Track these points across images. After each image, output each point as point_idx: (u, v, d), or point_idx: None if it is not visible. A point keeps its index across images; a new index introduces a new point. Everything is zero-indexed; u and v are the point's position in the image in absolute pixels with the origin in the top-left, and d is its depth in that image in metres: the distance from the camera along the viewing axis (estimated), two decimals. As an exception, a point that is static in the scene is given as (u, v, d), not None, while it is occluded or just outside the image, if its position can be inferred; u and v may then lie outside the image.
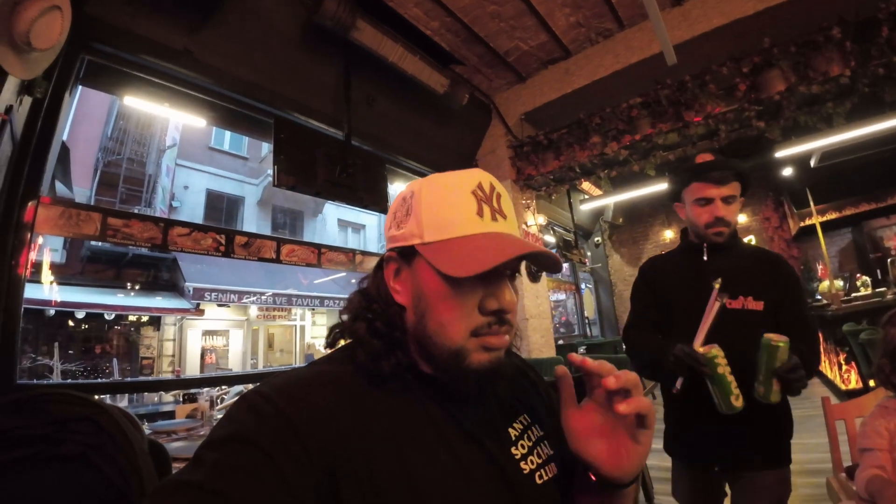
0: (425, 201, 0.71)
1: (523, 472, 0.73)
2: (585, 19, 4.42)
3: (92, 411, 0.93)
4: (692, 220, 1.72)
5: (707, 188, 1.64)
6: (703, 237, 1.71)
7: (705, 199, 1.65)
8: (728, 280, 1.56)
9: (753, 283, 1.65)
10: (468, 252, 0.66)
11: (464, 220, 0.69)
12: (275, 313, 14.61)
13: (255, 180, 15.28)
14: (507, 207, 0.74)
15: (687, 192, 1.72)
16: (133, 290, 11.77)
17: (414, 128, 4.90)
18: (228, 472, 0.52)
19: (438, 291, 0.68)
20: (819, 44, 3.57)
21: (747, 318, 1.61)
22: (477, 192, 0.71)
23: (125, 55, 2.95)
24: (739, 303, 1.62)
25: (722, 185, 1.63)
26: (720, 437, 1.56)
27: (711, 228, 1.65)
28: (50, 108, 2.56)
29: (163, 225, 3.21)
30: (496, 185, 0.74)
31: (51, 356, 10.08)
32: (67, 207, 2.74)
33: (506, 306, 0.68)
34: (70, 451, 0.88)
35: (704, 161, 1.69)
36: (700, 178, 1.66)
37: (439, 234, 0.69)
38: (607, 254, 9.96)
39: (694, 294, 1.62)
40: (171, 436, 2.71)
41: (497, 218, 0.71)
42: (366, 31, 3.59)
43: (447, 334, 0.67)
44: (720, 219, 1.63)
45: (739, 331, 1.55)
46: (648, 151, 4.43)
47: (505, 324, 0.69)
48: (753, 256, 1.76)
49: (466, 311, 0.67)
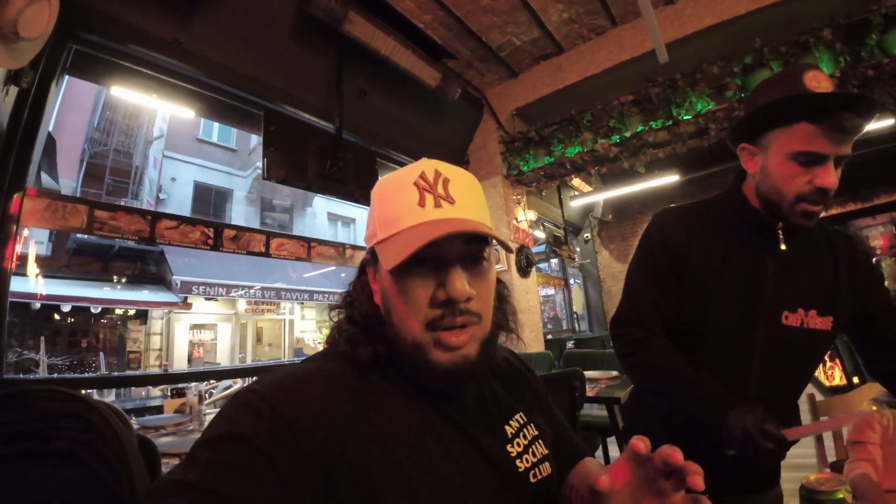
0: (377, 201, 0.73)
1: (518, 470, 0.73)
2: (578, 16, 4.42)
3: (81, 407, 0.92)
4: (775, 183, 1.08)
5: (822, 138, 1.00)
6: (781, 213, 1.10)
7: (815, 154, 1.02)
8: (792, 280, 1.14)
9: (824, 287, 1.15)
10: (401, 244, 0.65)
11: (405, 212, 0.68)
12: (263, 307, 14.53)
13: (244, 172, 15.16)
14: (459, 190, 0.71)
15: (780, 136, 1.06)
16: (120, 283, 11.66)
17: (406, 122, 4.88)
18: (223, 471, 0.52)
19: (392, 287, 0.68)
20: (809, 45, 3.59)
21: (807, 340, 1.14)
22: (419, 182, 0.70)
23: (113, 44, 2.90)
24: (799, 318, 1.13)
25: (846, 138, 1.02)
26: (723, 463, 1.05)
27: (804, 204, 1.06)
28: (36, 99, 2.51)
29: (150, 218, 3.18)
30: (444, 171, 0.72)
31: (37, 350, 9.97)
32: (54, 199, 2.70)
33: (455, 295, 0.65)
34: (59, 447, 0.87)
35: (832, 93, 1.01)
36: (820, 117, 1.00)
37: (387, 230, 0.69)
38: (596, 250, 9.99)
39: (739, 299, 1.13)
40: (160, 431, 2.70)
41: (441, 204, 0.69)
42: (358, 23, 3.57)
43: (405, 329, 0.68)
44: (825, 191, 1.04)
45: (790, 361, 1.16)
46: (638, 149, 4.44)
47: (461, 314, 0.66)
48: (827, 243, 1.20)
49: (418, 304, 0.66)
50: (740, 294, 1.13)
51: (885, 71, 3.40)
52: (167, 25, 3.05)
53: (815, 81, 1.01)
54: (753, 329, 1.12)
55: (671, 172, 6.70)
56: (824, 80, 1.02)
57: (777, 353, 1.12)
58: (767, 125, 1.08)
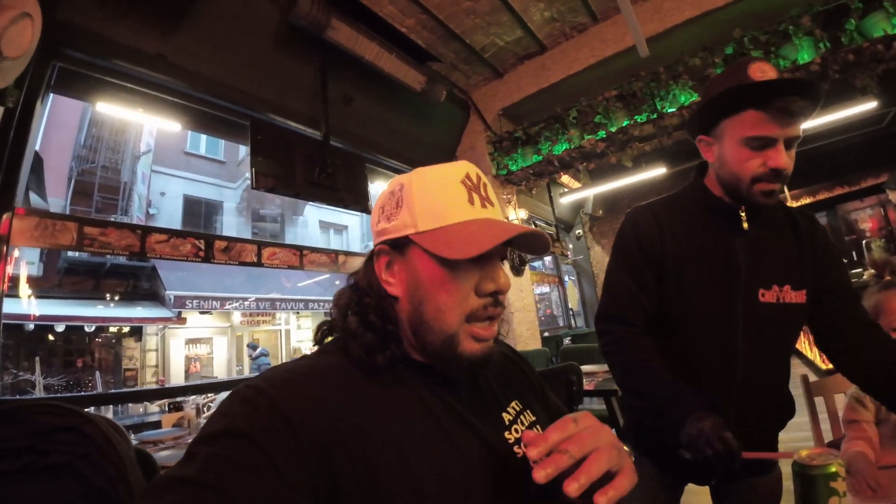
0: (417, 192, 0.73)
1: (517, 456, 0.74)
2: (560, 14, 4.45)
3: (77, 421, 0.92)
4: (732, 167, 1.14)
5: (769, 123, 1.05)
6: (741, 196, 1.15)
7: (764, 138, 1.07)
8: (762, 259, 1.17)
9: (793, 262, 1.19)
10: (465, 237, 0.68)
11: (456, 207, 0.71)
12: (259, 318, 14.47)
13: (233, 184, 15.10)
14: (493, 195, 0.77)
15: (733, 124, 1.11)
16: (113, 300, 11.57)
17: (393, 126, 4.88)
18: (222, 467, 0.52)
19: (436, 277, 0.70)
20: (789, 32, 3.63)
21: (786, 314, 1.17)
22: (466, 181, 0.73)
23: (97, 61, 2.89)
24: (774, 294, 1.16)
25: (792, 120, 1.06)
26: None
27: (761, 184, 1.10)
28: (22, 118, 2.51)
29: (140, 232, 3.17)
30: (482, 175, 0.77)
31: (32, 371, 9.88)
32: (42, 218, 2.69)
33: (502, 287, 0.72)
34: (57, 461, 0.87)
35: (772, 79, 1.06)
36: (765, 104, 1.05)
37: (434, 222, 0.70)
38: (588, 245, 10.02)
39: (713, 281, 1.18)
40: (158, 445, 2.69)
41: (486, 205, 0.74)
42: (341, 29, 3.57)
43: (444, 319, 0.69)
44: (780, 172, 1.08)
45: (773, 336, 1.18)
46: (625, 143, 4.47)
47: (499, 305, 0.73)
48: (788, 221, 1.25)
49: (464, 294, 0.69)
50: (716, 277, 1.17)
51: (866, 55, 3.44)
52: (151, 40, 3.05)
53: (760, 72, 1.07)
54: (734, 309, 1.15)
55: (658, 165, 6.74)
56: (769, 70, 1.08)
57: (759, 329, 1.15)
58: (719, 115, 1.14)
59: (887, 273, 1.57)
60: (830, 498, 0.80)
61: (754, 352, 1.15)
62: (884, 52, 3.39)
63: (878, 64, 3.48)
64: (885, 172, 7.54)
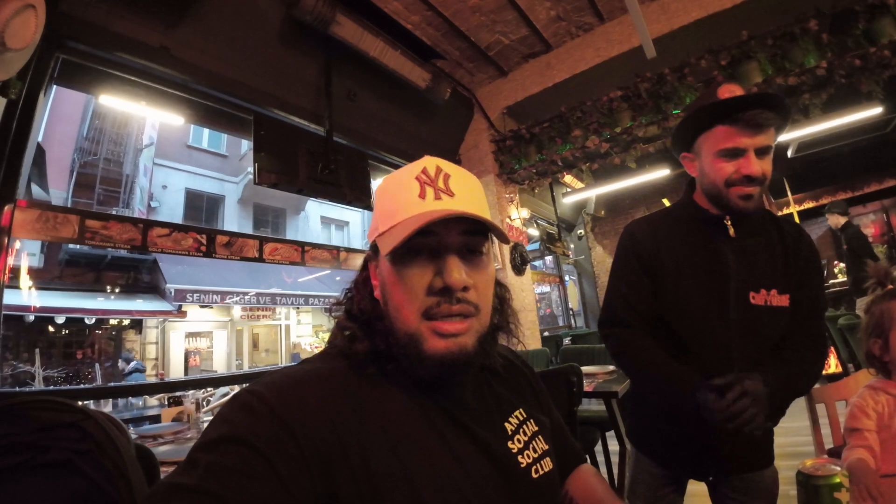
0: (380, 196, 0.75)
1: (520, 466, 0.73)
2: (566, 13, 4.44)
3: (76, 417, 0.92)
4: (710, 177, 1.26)
5: (738, 134, 1.18)
6: (723, 203, 1.26)
7: (734, 149, 1.20)
8: (752, 265, 1.28)
9: (778, 268, 1.29)
10: (398, 232, 0.67)
11: (405, 204, 0.70)
12: (259, 313, 14.48)
13: (236, 178, 15.10)
14: (458, 185, 0.73)
15: (705, 139, 1.26)
16: (113, 293, 11.58)
17: (396, 123, 4.87)
18: (223, 474, 0.52)
19: (390, 276, 0.70)
20: (796, 36, 3.62)
21: (773, 316, 1.26)
22: (421, 176, 0.72)
23: (100, 53, 2.88)
24: (762, 297, 1.26)
25: (759, 130, 1.18)
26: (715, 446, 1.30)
27: (737, 188, 1.21)
28: (25, 109, 2.49)
29: (142, 226, 3.16)
30: (445, 167, 0.74)
31: (32, 363, 9.89)
32: (44, 210, 2.68)
33: (451, 283, 0.66)
34: (57, 457, 0.87)
35: (735, 96, 1.20)
36: (731, 119, 1.19)
37: (388, 222, 0.71)
38: (590, 246, 10.02)
39: (707, 287, 1.28)
40: (158, 440, 2.68)
41: (441, 196, 0.71)
42: (346, 25, 3.56)
43: (402, 317, 0.68)
44: (752, 177, 1.19)
45: (763, 335, 1.28)
46: (629, 144, 4.46)
47: (458, 303, 0.67)
48: (777, 231, 1.34)
49: (415, 292, 0.68)
50: (709, 282, 1.28)
51: (872, 60, 3.43)
52: (154, 32, 3.04)
53: (728, 92, 1.21)
54: (726, 310, 1.26)
55: (662, 167, 6.73)
56: (737, 90, 1.22)
57: (751, 330, 1.25)
58: (695, 133, 1.30)
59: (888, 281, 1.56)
60: None
61: (747, 350, 1.24)
62: (890, 57, 3.38)
63: (884, 69, 3.47)
64: (888, 178, 7.52)
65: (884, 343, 1.45)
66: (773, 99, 1.17)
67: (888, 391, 1.43)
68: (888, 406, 1.41)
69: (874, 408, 1.42)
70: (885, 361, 1.46)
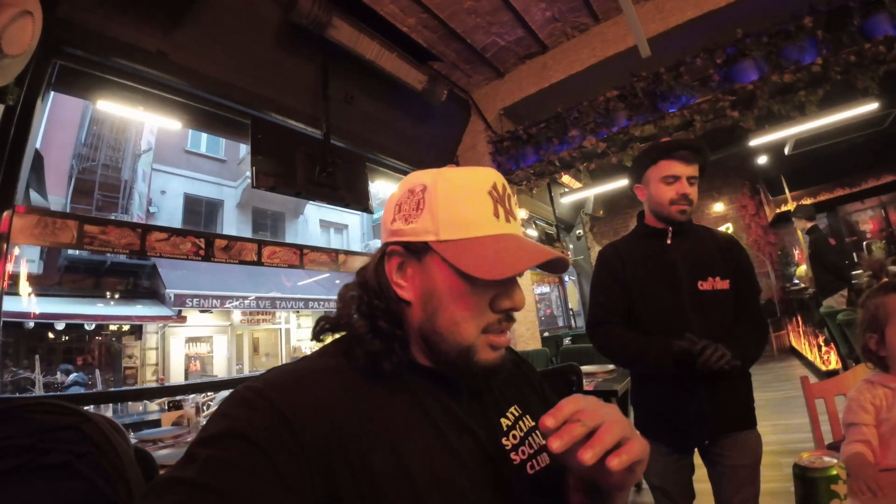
0: (441, 197, 0.69)
1: (513, 462, 0.73)
2: (561, 14, 4.45)
3: (76, 420, 0.92)
4: (656, 199, 1.74)
5: (675, 165, 1.68)
6: (665, 217, 1.74)
7: (673, 176, 1.68)
8: (694, 262, 1.71)
9: (716, 262, 1.72)
10: (492, 254, 0.67)
11: (482, 220, 0.69)
12: (259, 317, 14.48)
13: (234, 183, 15.11)
14: (516, 209, 0.75)
15: (653, 171, 1.74)
16: (113, 298, 11.59)
17: (394, 125, 4.88)
18: (222, 468, 0.52)
19: (454, 289, 0.68)
20: (791, 33, 3.63)
21: (719, 297, 1.68)
22: (493, 192, 0.71)
23: (98, 59, 2.89)
24: (710, 284, 1.68)
25: (688, 164, 1.69)
26: (705, 410, 1.61)
27: (676, 206, 1.68)
28: (22, 116, 2.50)
29: (140, 230, 3.16)
30: (507, 187, 0.74)
31: (32, 369, 9.88)
32: (43, 216, 2.69)
33: (518, 305, 0.71)
34: (56, 460, 0.87)
35: (672, 139, 1.81)
36: (669, 155, 1.70)
37: (458, 232, 0.68)
38: (589, 245, 10.03)
39: (664, 282, 1.71)
40: (158, 444, 2.68)
41: (510, 219, 0.72)
42: (342, 28, 3.57)
43: (460, 332, 0.68)
44: (686, 196, 1.68)
45: (714, 312, 1.67)
46: (626, 143, 4.47)
47: (512, 320, 0.73)
48: (711, 238, 1.82)
49: (480, 309, 0.69)
50: (666, 279, 1.71)
51: (867, 56, 3.44)
52: (151, 38, 3.04)
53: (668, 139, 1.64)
54: (682, 298, 1.68)
55: (659, 166, 6.72)
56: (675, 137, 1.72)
57: (703, 309, 1.66)
58: (644, 168, 1.79)
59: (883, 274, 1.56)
60: (831, 500, 0.82)
61: (704, 329, 1.57)
62: (885, 53, 3.39)
63: (879, 65, 3.48)
64: (886, 174, 7.53)
65: (880, 338, 1.45)
66: (696, 143, 1.75)
67: (886, 385, 1.43)
68: (886, 400, 1.41)
69: (872, 402, 1.42)
70: (882, 356, 1.46)
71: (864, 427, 1.39)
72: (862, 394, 1.45)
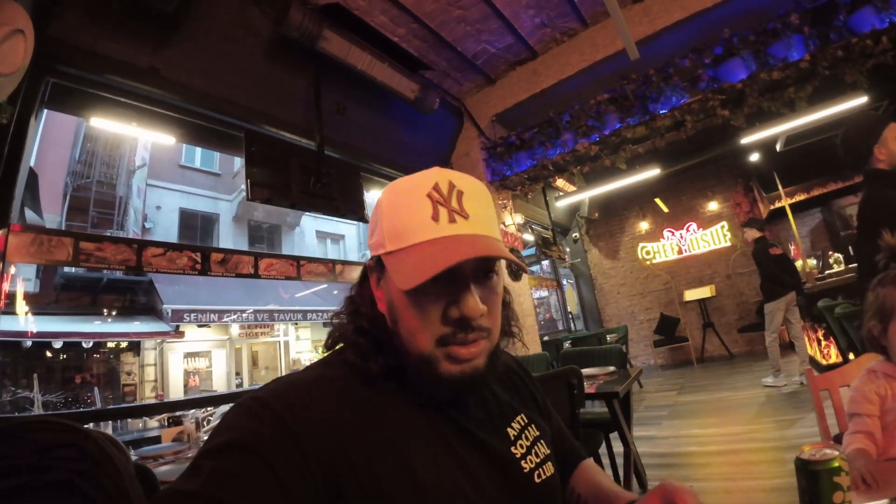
0: (385, 208, 0.70)
1: (524, 471, 0.73)
2: (550, 20, 4.48)
3: (75, 437, 0.91)
4: None
5: None
6: None
7: None
8: None
9: None
10: (417, 262, 0.64)
11: (417, 226, 0.66)
12: (257, 330, 14.43)
13: (229, 196, 15.10)
14: (472, 205, 0.69)
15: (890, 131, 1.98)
16: (110, 315, 11.53)
17: (387, 134, 4.89)
18: (227, 480, 0.52)
19: (402, 301, 0.67)
20: (778, 30, 3.66)
21: None
22: (433, 194, 0.68)
23: (90, 76, 2.89)
24: None
25: None
26: None
27: None
28: (16, 134, 2.50)
29: (136, 246, 3.16)
30: (458, 183, 0.70)
31: (30, 389, 9.82)
32: (38, 234, 2.68)
33: (468, 313, 0.65)
34: (56, 478, 0.86)
35: None
36: None
37: (397, 242, 0.67)
38: (586, 248, 10.05)
39: None
40: (159, 460, 2.67)
41: (455, 219, 0.67)
42: (333, 40, 3.58)
43: (415, 342, 0.67)
44: None
45: None
46: (618, 146, 4.49)
47: (472, 331, 0.66)
48: None
49: (430, 320, 0.66)
50: None
51: (855, 50, 3.47)
52: (143, 54, 3.05)
53: None
54: None
55: (652, 167, 6.77)
56: None
57: None
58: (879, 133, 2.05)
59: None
60: (835, 493, 0.80)
61: None
62: (873, 46, 3.42)
63: (867, 59, 3.51)
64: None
65: (883, 329, 1.44)
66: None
67: (890, 374, 1.42)
68: (891, 389, 1.40)
69: (876, 391, 1.41)
70: (884, 345, 1.45)
71: (868, 418, 1.38)
72: (866, 384, 1.43)
